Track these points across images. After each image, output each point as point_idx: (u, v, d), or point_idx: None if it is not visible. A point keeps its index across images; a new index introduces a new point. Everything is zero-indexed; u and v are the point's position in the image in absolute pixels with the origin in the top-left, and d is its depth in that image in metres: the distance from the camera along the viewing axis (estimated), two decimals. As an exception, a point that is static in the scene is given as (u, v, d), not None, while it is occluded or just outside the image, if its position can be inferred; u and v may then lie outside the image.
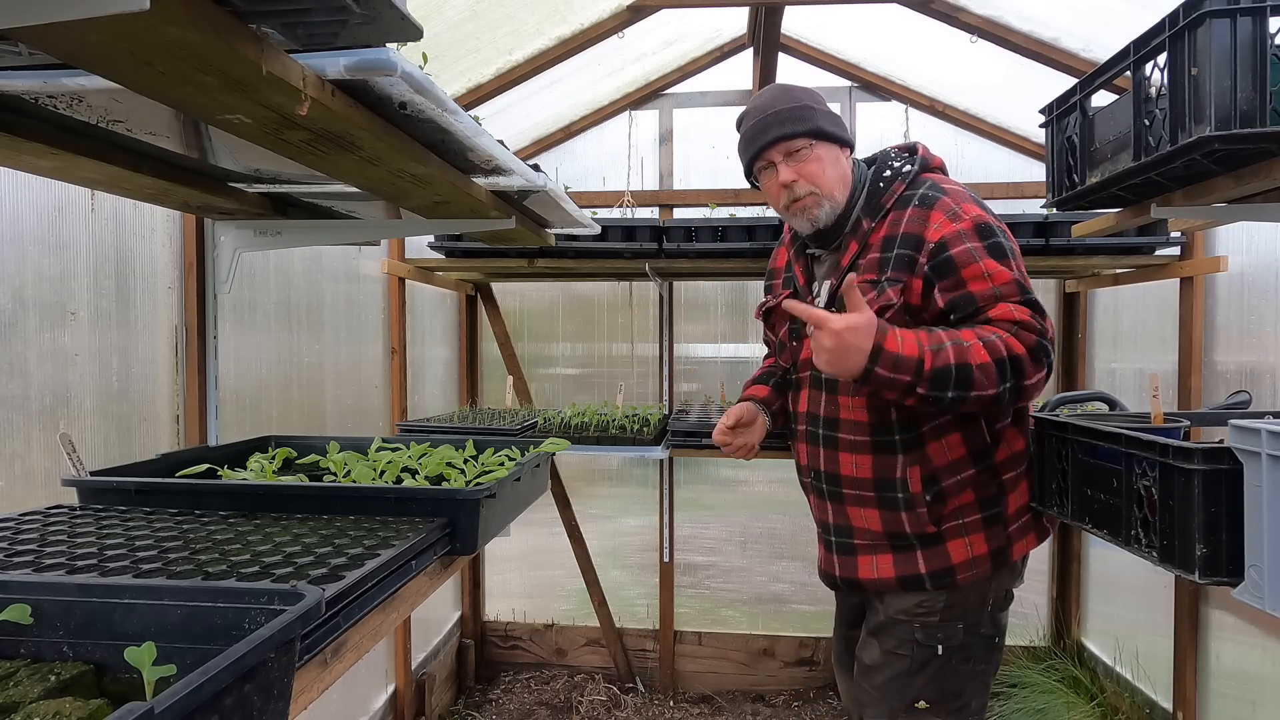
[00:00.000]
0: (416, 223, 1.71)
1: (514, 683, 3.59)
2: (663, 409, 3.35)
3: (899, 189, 1.59)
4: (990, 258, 1.47)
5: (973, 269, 1.47)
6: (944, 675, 1.59)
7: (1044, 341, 1.44)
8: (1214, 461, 1.15)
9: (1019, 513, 1.61)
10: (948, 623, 1.58)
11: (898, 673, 1.61)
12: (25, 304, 1.43)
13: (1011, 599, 1.64)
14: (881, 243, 1.56)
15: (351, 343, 2.65)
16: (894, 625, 1.62)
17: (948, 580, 1.56)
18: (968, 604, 1.59)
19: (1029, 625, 3.40)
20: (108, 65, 0.74)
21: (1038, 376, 1.44)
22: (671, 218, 3.12)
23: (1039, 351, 1.43)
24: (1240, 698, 2.31)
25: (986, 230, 1.50)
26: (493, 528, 1.40)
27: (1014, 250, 1.52)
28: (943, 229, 1.49)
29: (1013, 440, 1.61)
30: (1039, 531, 1.65)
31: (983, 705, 1.64)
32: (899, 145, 1.69)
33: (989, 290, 1.46)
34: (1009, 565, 1.60)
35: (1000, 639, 1.64)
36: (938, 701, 1.59)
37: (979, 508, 1.57)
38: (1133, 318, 3.01)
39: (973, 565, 1.56)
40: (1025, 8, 2.52)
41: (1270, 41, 1.24)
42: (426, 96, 0.98)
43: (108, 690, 0.69)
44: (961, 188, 1.59)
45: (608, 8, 2.70)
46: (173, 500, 1.28)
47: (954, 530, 1.56)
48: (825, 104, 1.65)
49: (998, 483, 1.59)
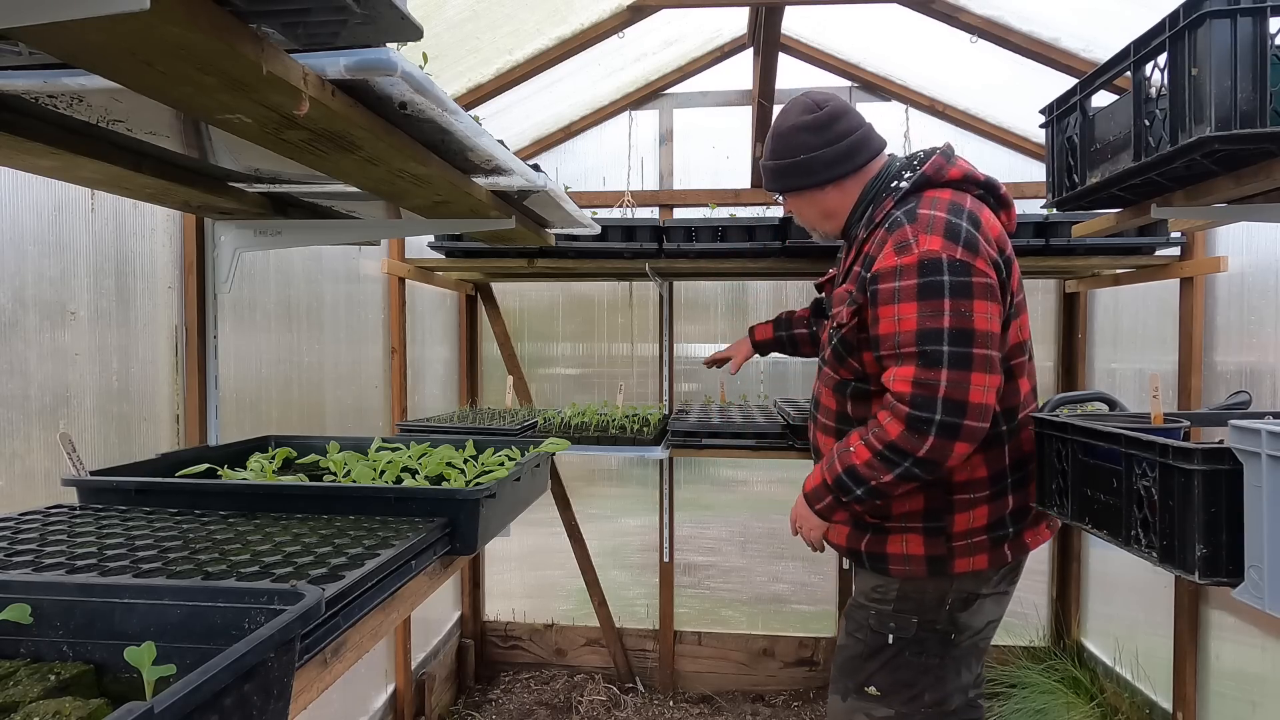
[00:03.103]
0: (416, 223, 1.71)
1: (514, 683, 3.59)
2: (663, 409, 3.35)
3: (888, 205, 1.63)
4: (909, 300, 1.49)
5: (885, 310, 1.53)
6: (896, 665, 1.65)
7: (915, 412, 1.46)
8: (1214, 462, 1.15)
9: (967, 533, 1.61)
10: (901, 614, 1.65)
11: (854, 655, 1.70)
12: (25, 304, 1.43)
13: (978, 600, 1.64)
14: (863, 258, 1.64)
15: (351, 343, 2.65)
16: (856, 609, 1.73)
17: (881, 567, 1.66)
18: (923, 599, 1.63)
19: (1029, 625, 3.39)
20: (108, 65, 0.74)
21: (930, 443, 1.46)
22: (671, 218, 3.12)
23: (913, 422, 1.47)
24: (1240, 698, 2.31)
25: (929, 267, 1.48)
26: (493, 528, 1.40)
27: (959, 287, 1.47)
28: (884, 260, 1.54)
29: (975, 465, 1.60)
30: (994, 554, 1.62)
31: (939, 699, 1.66)
32: (924, 152, 1.69)
33: (891, 335, 1.51)
34: (953, 575, 1.61)
35: (959, 636, 1.65)
36: (889, 691, 1.65)
37: (922, 517, 1.62)
38: (1133, 318, 3.01)
39: (905, 562, 1.63)
40: (1025, 8, 2.51)
41: (1270, 42, 1.24)
42: (427, 96, 0.98)
43: (108, 690, 0.69)
44: (944, 213, 1.54)
45: (608, 8, 2.70)
46: (173, 500, 1.28)
47: (896, 529, 1.65)
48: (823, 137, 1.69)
49: (946, 500, 1.61)
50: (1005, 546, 1.63)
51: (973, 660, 1.71)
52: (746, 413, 3.02)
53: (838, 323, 1.65)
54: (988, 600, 1.65)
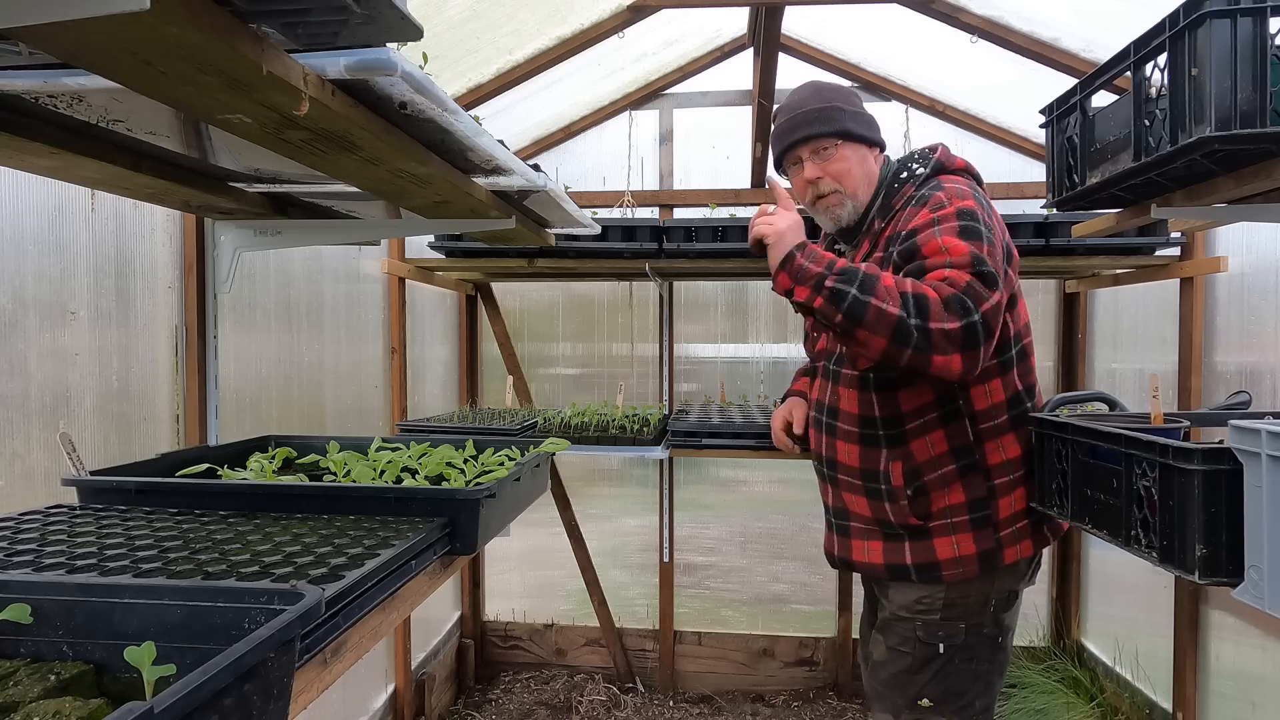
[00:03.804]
0: (416, 223, 1.71)
1: (514, 683, 3.59)
2: (663, 409, 3.35)
3: (909, 191, 1.62)
4: (952, 235, 1.46)
5: (931, 245, 1.47)
6: (947, 674, 1.60)
7: (963, 297, 1.38)
8: (1214, 462, 1.15)
9: (1012, 518, 1.61)
10: (949, 621, 1.60)
11: (901, 669, 1.63)
12: (25, 304, 1.43)
13: (1016, 599, 1.65)
14: (885, 241, 1.61)
15: (351, 342, 2.65)
16: (897, 622, 1.65)
17: (934, 575, 1.60)
18: (969, 603, 1.60)
19: (1029, 625, 3.39)
20: (108, 65, 0.74)
21: (948, 324, 1.36)
22: (671, 218, 3.12)
23: (953, 302, 1.38)
24: (1240, 698, 2.31)
25: (966, 214, 1.49)
26: (493, 528, 1.40)
27: (994, 236, 1.49)
28: (920, 219, 1.51)
29: (1008, 445, 1.61)
30: (1037, 539, 1.64)
31: (988, 705, 1.65)
32: (928, 146, 1.71)
33: (941, 261, 1.44)
34: (1002, 568, 1.60)
35: (1004, 639, 1.64)
36: (941, 700, 1.61)
37: (968, 509, 1.59)
38: (1133, 318, 3.01)
39: (959, 564, 1.59)
40: (1025, 8, 2.51)
41: (1270, 42, 1.24)
42: (427, 96, 0.98)
43: (108, 690, 0.69)
44: (967, 187, 1.58)
45: (608, 8, 2.70)
46: (173, 500, 1.28)
47: (942, 528, 1.60)
48: (859, 104, 1.68)
49: (988, 485, 1.60)
50: (1045, 528, 1.65)
51: (1007, 665, 1.71)
52: (746, 413, 3.02)
53: None
54: (1019, 598, 1.67)
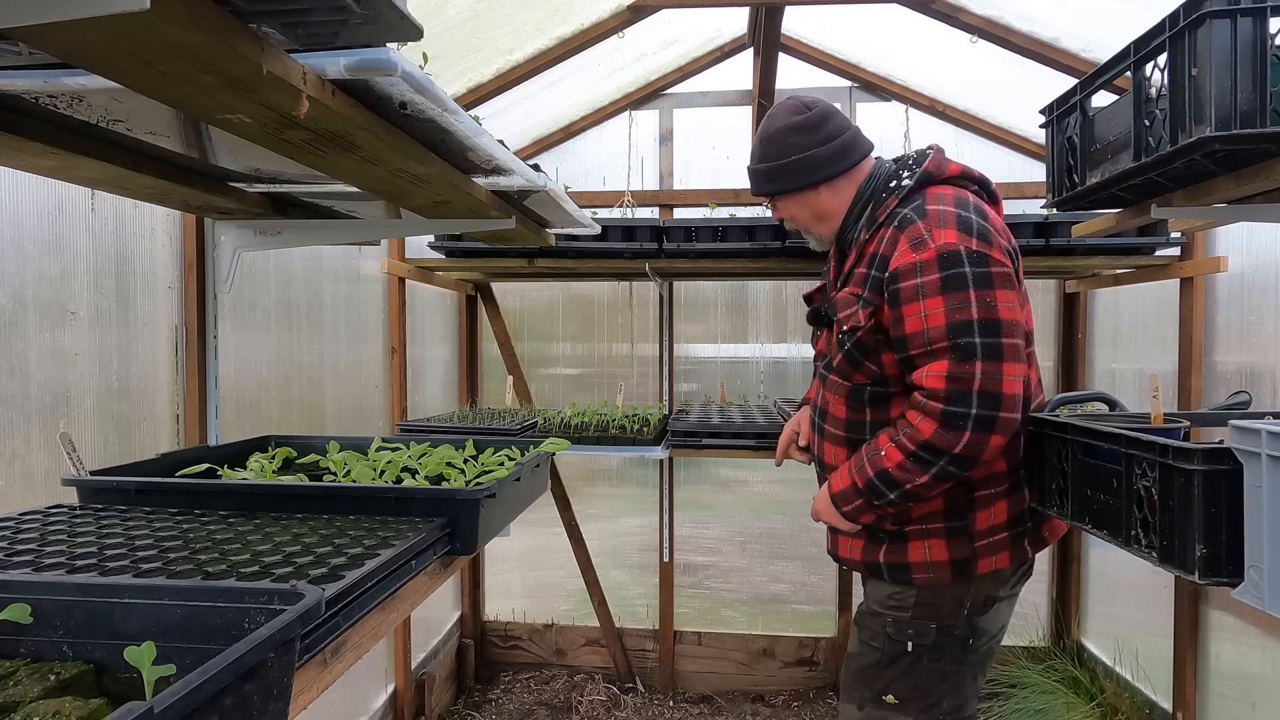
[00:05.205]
0: (416, 223, 1.71)
1: (514, 682, 3.59)
2: (663, 409, 3.35)
3: (891, 204, 1.62)
4: (934, 295, 1.47)
5: (910, 308, 1.50)
6: (914, 672, 1.63)
7: (950, 408, 1.44)
8: (1214, 462, 1.14)
9: (989, 530, 1.60)
10: (919, 620, 1.62)
11: (869, 663, 1.67)
12: (25, 304, 1.43)
13: (995, 604, 1.63)
14: (869, 258, 1.62)
15: (351, 342, 2.65)
16: (870, 616, 1.70)
17: (904, 576, 1.62)
18: (941, 604, 1.61)
19: (1029, 625, 3.39)
20: (108, 65, 0.74)
21: (966, 438, 1.44)
22: (671, 218, 3.12)
23: (948, 418, 1.44)
24: (1240, 698, 2.31)
25: (949, 260, 1.47)
26: (493, 528, 1.40)
27: (980, 278, 1.47)
28: (901, 258, 1.53)
29: (992, 460, 1.59)
30: (1015, 552, 1.62)
31: (957, 706, 1.65)
32: (919, 152, 1.69)
33: (919, 332, 1.48)
34: (976, 576, 1.59)
35: (977, 640, 1.64)
36: (907, 698, 1.63)
37: (944, 517, 1.60)
38: (1133, 318, 3.01)
39: (930, 569, 1.60)
40: (1025, 8, 2.51)
41: (1270, 42, 1.24)
42: (427, 96, 0.98)
43: (107, 690, 0.69)
44: (952, 207, 1.54)
45: (608, 8, 2.70)
46: (173, 500, 1.28)
47: (917, 533, 1.62)
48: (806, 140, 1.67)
49: (969, 497, 1.60)
50: (1025, 542, 1.62)
51: (986, 666, 1.70)
52: (746, 413, 3.02)
53: (851, 326, 1.60)
54: (1004, 604, 1.65)
